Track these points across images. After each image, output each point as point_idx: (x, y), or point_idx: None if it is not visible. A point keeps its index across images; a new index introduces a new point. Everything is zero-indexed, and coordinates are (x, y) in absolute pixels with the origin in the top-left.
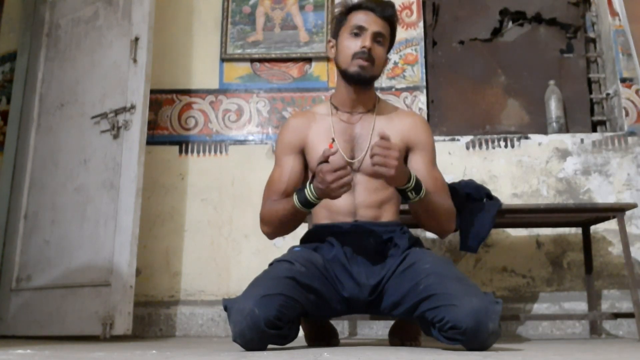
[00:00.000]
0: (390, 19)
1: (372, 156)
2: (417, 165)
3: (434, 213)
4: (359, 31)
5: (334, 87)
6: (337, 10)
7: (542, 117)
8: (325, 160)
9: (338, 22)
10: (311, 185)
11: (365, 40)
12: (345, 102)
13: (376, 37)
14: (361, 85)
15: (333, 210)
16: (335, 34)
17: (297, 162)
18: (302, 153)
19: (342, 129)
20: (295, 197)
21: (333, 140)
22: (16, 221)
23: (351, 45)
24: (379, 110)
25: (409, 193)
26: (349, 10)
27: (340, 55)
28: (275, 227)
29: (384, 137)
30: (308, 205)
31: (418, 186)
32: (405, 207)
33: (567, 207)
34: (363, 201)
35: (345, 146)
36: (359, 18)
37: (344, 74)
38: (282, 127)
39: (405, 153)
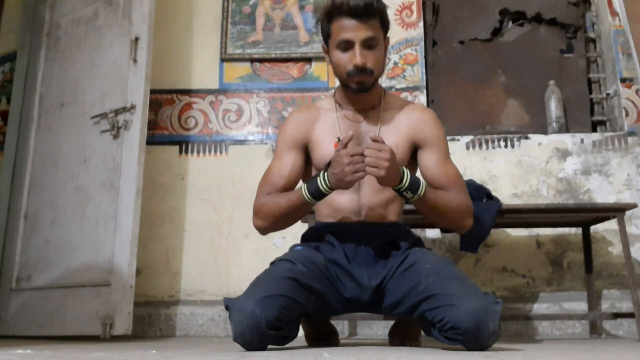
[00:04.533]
0: (378, 16)
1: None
2: (427, 162)
3: (440, 211)
4: (347, 45)
5: (334, 87)
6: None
7: (542, 117)
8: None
9: (323, 30)
10: (325, 173)
11: (355, 57)
12: (348, 102)
13: (367, 43)
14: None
15: (338, 209)
16: (325, 41)
17: (299, 158)
18: (305, 149)
19: (347, 127)
20: (304, 188)
21: (339, 139)
22: (16, 221)
23: (342, 61)
24: (385, 106)
25: (404, 193)
26: (331, 16)
27: (335, 68)
28: (273, 221)
29: (375, 140)
30: (318, 196)
31: (414, 186)
32: (410, 206)
33: (567, 207)
34: (369, 200)
35: (351, 144)
36: (344, 30)
37: (344, 86)
38: (286, 120)
39: (415, 150)
